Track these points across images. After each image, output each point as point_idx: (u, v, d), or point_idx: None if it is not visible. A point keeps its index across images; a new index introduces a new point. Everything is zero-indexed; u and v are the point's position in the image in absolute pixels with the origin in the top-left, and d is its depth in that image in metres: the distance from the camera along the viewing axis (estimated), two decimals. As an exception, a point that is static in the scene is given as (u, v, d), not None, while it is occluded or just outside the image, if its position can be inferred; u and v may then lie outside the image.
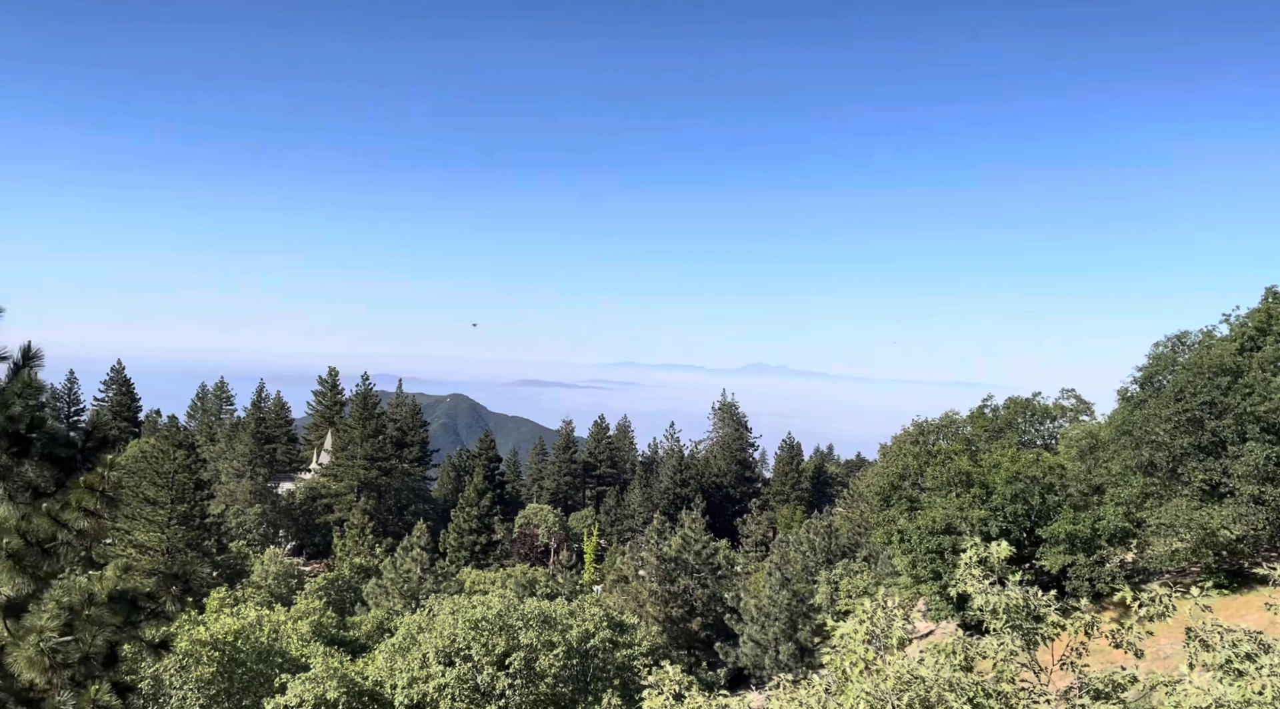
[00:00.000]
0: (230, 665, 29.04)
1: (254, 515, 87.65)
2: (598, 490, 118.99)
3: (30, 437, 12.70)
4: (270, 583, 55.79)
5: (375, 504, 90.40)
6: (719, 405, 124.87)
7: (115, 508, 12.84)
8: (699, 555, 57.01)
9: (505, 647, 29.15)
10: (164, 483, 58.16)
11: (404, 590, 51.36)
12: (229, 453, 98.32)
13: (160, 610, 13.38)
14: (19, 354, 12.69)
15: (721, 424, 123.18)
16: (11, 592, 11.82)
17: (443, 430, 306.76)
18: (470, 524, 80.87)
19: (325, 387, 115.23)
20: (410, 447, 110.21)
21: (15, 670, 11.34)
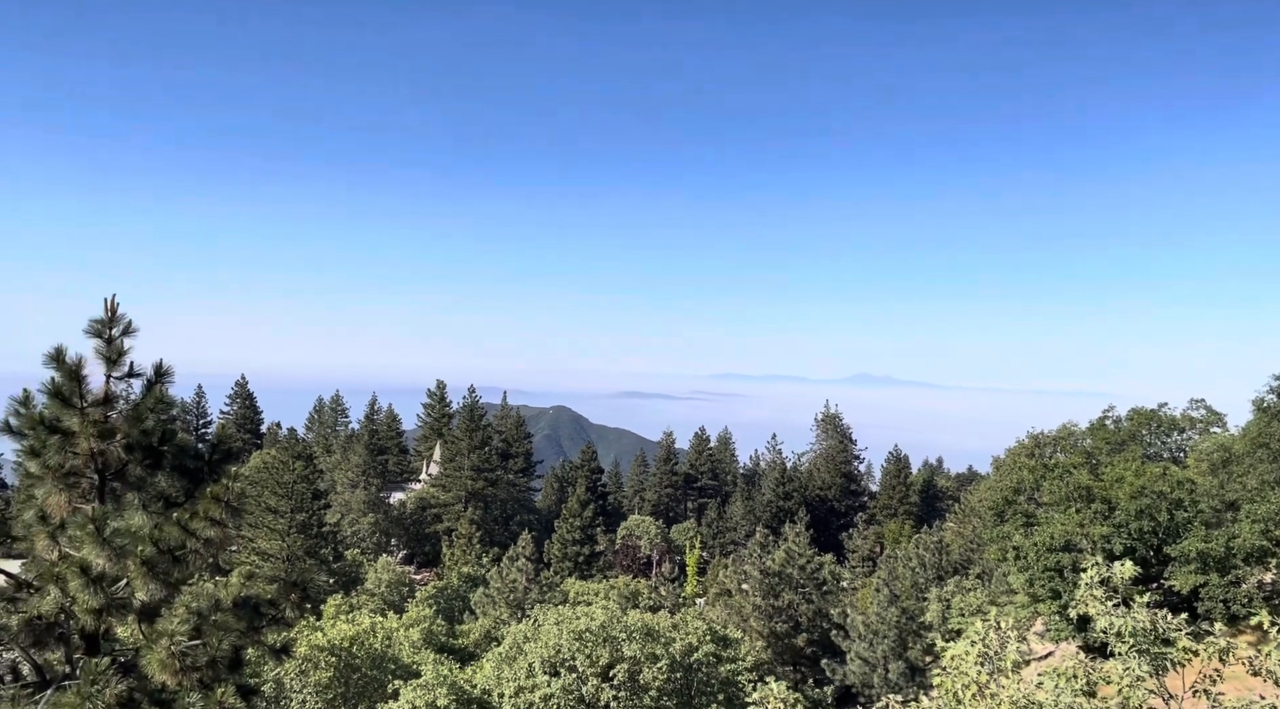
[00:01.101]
0: (346, 670, 30.06)
1: (367, 524, 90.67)
2: (699, 502, 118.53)
3: (162, 449, 13.44)
4: (383, 591, 57.51)
5: (482, 514, 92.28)
6: (822, 417, 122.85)
7: (239, 517, 13.44)
8: (803, 570, 56.08)
9: (609, 658, 29.27)
10: (284, 492, 60.76)
11: (510, 600, 52.18)
12: (344, 464, 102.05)
13: (281, 616, 13.94)
14: (152, 371, 13.41)
15: (825, 436, 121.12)
16: (146, 597, 12.44)
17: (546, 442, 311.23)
18: (573, 535, 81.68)
19: (434, 399, 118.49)
20: (515, 458, 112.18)
21: (149, 672, 11.94)
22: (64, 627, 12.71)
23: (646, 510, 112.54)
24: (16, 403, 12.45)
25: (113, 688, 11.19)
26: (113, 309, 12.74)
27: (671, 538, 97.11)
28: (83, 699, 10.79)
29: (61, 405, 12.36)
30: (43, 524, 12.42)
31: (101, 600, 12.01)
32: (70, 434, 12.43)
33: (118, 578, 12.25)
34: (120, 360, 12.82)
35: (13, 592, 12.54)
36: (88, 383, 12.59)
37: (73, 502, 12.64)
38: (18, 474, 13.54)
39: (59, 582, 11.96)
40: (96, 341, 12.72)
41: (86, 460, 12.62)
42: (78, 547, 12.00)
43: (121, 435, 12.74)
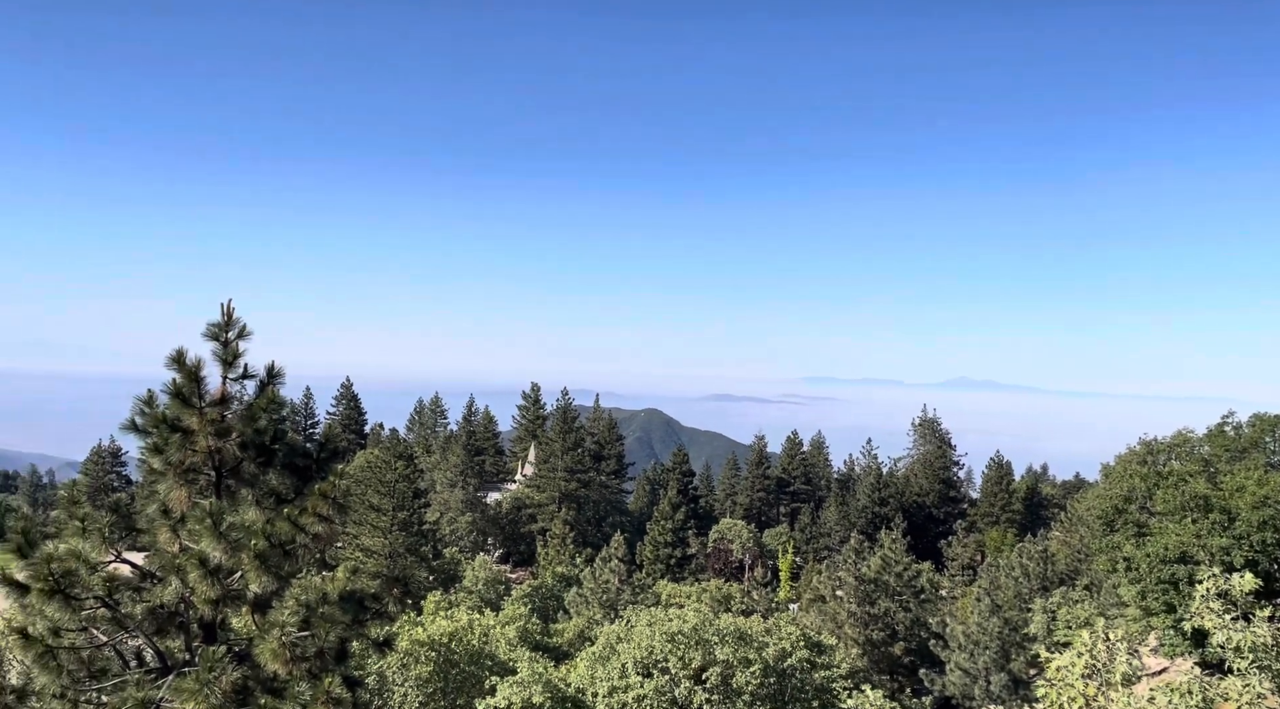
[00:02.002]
0: (445, 666, 30.81)
1: (465, 523, 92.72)
2: (792, 507, 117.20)
3: (274, 448, 14.03)
4: (480, 588, 58.71)
5: (575, 515, 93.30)
6: (919, 421, 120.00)
7: (345, 514, 13.96)
8: (900, 577, 54.87)
9: (701, 661, 29.23)
10: (386, 491, 62.69)
11: (603, 600, 52.62)
12: (443, 464, 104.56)
13: (384, 611, 14.39)
14: (264, 372, 14.02)
15: (922, 441, 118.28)
16: (259, 589, 12.99)
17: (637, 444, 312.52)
18: (665, 537, 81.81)
19: (528, 401, 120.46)
20: (607, 460, 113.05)
21: (262, 661, 12.48)
22: (184, 616, 13.35)
23: (738, 514, 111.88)
24: (141, 402, 13.16)
25: (228, 675, 11.72)
26: (229, 313, 13.37)
27: (764, 542, 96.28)
28: (201, 685, 11.33)
29: (182, 405, 13.01)
30: (165, 518, 13.08)
31: (218, 591, 12.59)
32: (190, 432, 13.07)
33: (233, 570, 12.83)
34: (236, 362, 13.42)
35: (138, 581, 13.23)
36: (206, 384, 13.22)
37: (192, 497, 13.26)
38: (141, 471, 14.28)
39: (179, 573, 12.59)
40: (214, 344, 13.35)
41: (205, 457, 13.26)
42: (197, 540, 12.59)
43: (237, 434, 13.35)
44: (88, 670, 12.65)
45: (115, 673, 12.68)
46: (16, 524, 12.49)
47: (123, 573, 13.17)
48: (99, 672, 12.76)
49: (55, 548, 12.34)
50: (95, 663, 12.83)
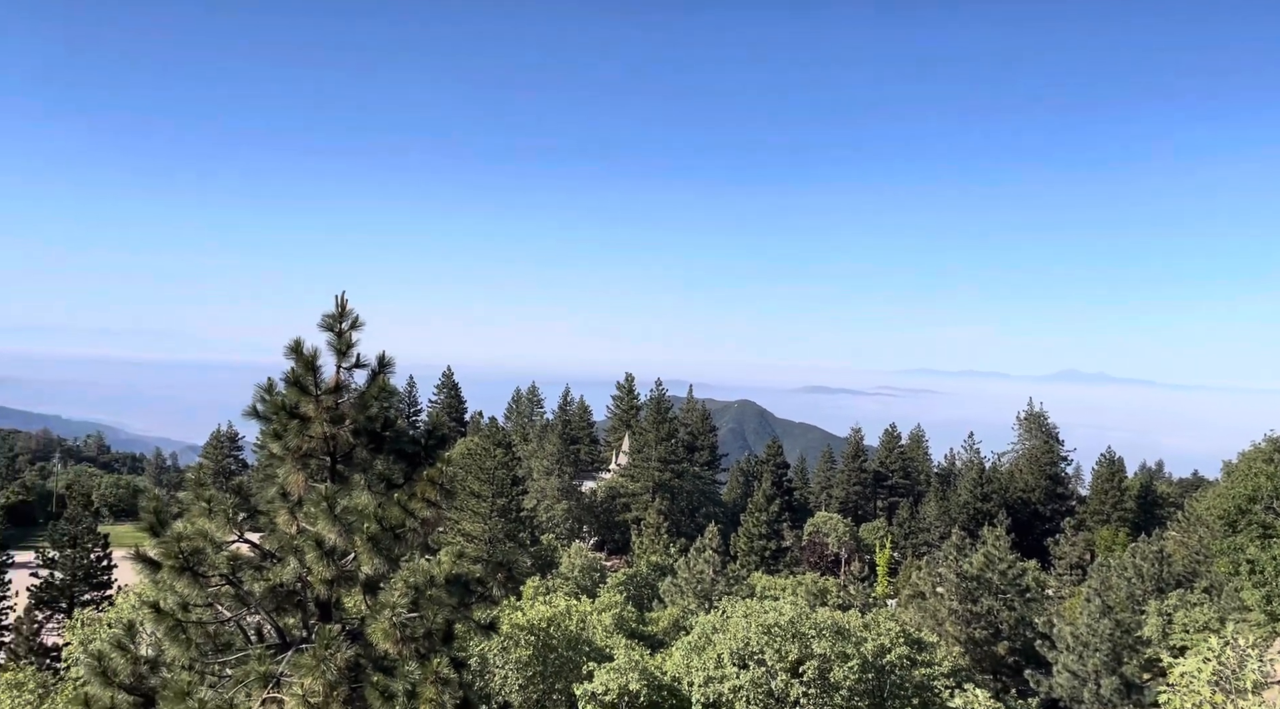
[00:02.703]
0: (544, 650, 31.34)
1: (561, 511, 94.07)
2: (889, 501, 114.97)
3: (384, 434, 14.45)
4: (576, 575, 59.47)
5: (669, 505, 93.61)
6: (1025, 415, 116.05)
7: (451, 499, 14.28)
8: (1004, 575, 53.25)
9: (798, 654, 28.97)
10: (486, 478, 64.08)
11: (697, 590, 52.65)
12: (539, 452, 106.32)
13: (488, 595, 14.69)
14: (375, 362, 14.45)
15: (1028, 435, 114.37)
16: (370, 571, 13.42)
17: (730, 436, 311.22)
18: (759, 529, 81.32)
19: (623, 392, 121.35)
20: (700, 451, 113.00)
21: (373, 640, 12.90)
22: (301, 594, 13.88)
23: (833, 507, 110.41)
24: (262, 390, 13.74)
25: (343, 653, 12.16)
26: (342, 305, 13.82)
27: (860, 536, 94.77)
28: (318, 662, 11.78)
29: (299, 393, 13.52)
30: (283, 500, 13.61)
31: (333, 572, 13.06)
32: (307, 419, 13.56)
33: (346, 552, 13.28)
34: (349, 352, 13.86)
35: (258, 561, 13.82)
36: (321, 372, 13.70)
37: (308, 481, 13.78)
38: (259, 456, 14.91)
39: (297, 553, 13.10)
40: (328, 335, 13.81)
41: (320, 443, 13.75)
42: (312, 522, 13.07)
43: (350, 421, 13.79)
44: (213, 644, 13.30)
45: (238, 647, 13.30)
46: (149, 504, 13.21)
47: (245, 552, 13.78)
48: (223, 646, 13.41)
49: (184, 527, 13.01)
50: (220, 637, 13.48)
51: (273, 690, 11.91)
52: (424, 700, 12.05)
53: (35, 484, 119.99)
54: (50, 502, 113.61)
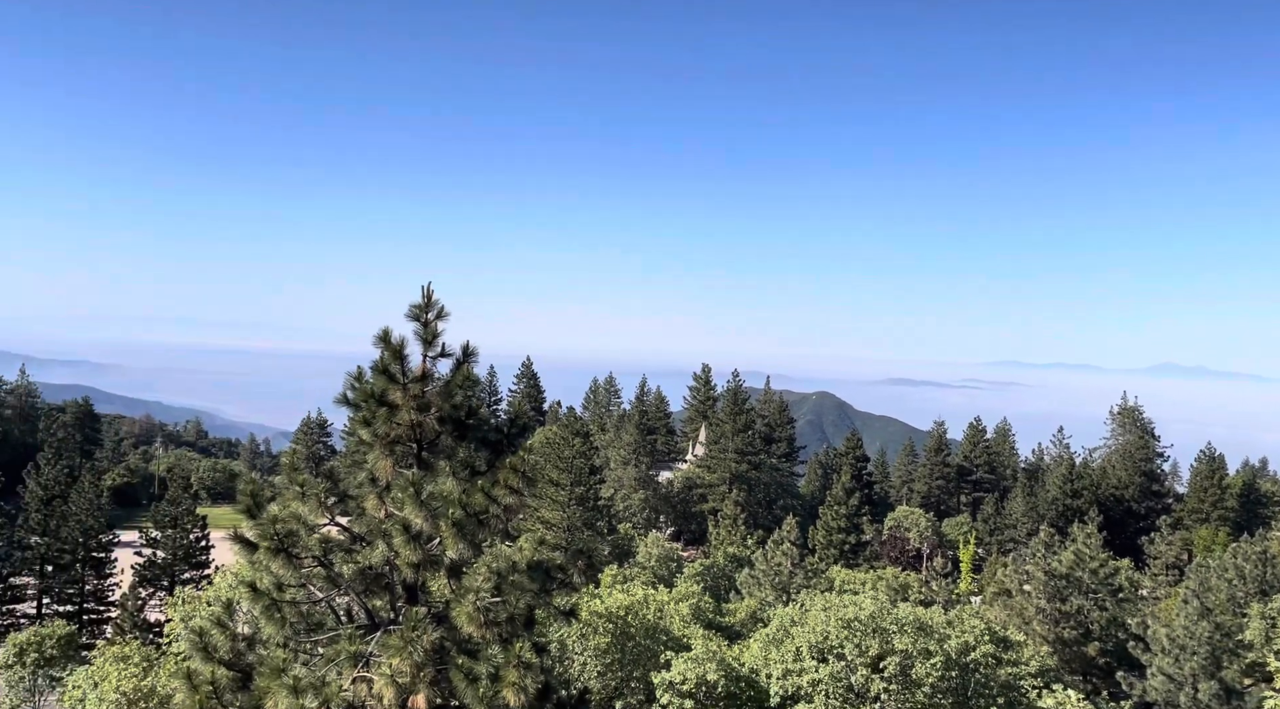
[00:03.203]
0: (622, 638, 31.57)
1: (638, 501, 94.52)
2: (973, 496, 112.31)
3: (468, 422, 14.69)
4: (653, 565, 59.69)
5: (746, 496, 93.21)
6: (1118, 409, 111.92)
7: (532, 487, 14.46)
8: (1095, 574, 51.52)
9: (879, 649, 28.55)
10: (565, 467, 64.77)
11: (775, 583, 52.33)
12: (616, 442, 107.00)
13: (568, 582, 14.85)
14: (460, 351, 14.71)
15: (1121, 430, 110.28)
16: (454, 555, 13.70)
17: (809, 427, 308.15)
18: (838, 523, 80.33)
19: (699, 382, 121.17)
20: (778, 442, 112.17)
21: (458, 623, 13.16)
22: (389, 577, 14.26)
23: (915, 502, 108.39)
24: (352, 378, 14.13)
25: (429, 635, 12.44)
26: (428, 295, 14.10)
27: (942, 532, 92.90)
28: (405, 643, 12.09)
29: (388, 381, 13.86)
30: (372, 486, 13.98)
31: (419, 556, 13.36)
32: (394, 407, 13.90)
33: (432, 536, 13.56)
34: (434, 341, 14.15)
35: (348, 544, 14.24)
36: (408, 361, 14.03)
37: (396, 467, 14.13)
38: (349, 442, 15.31)
39: (385, 537, 13.45)
40: (415, 325, 14.12)
41: (407, 430, 14.06)
42: (399, 507, 13.40)
43: (435, 409, 14.07)
44: (306, 623, 13.77)
45: (330, 627, 13.73)
46: (246, 488, 13.72)
47: (335, 535, 14.21)
48: (315, 625, 13.87)
49: (278, 510, 13.47)
50: (312, 617, 13.96)
51: (362, 670, 12.26)
52: (507, 684, 12.24)
53: (139, 467, 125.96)
54: (152, 484, 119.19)
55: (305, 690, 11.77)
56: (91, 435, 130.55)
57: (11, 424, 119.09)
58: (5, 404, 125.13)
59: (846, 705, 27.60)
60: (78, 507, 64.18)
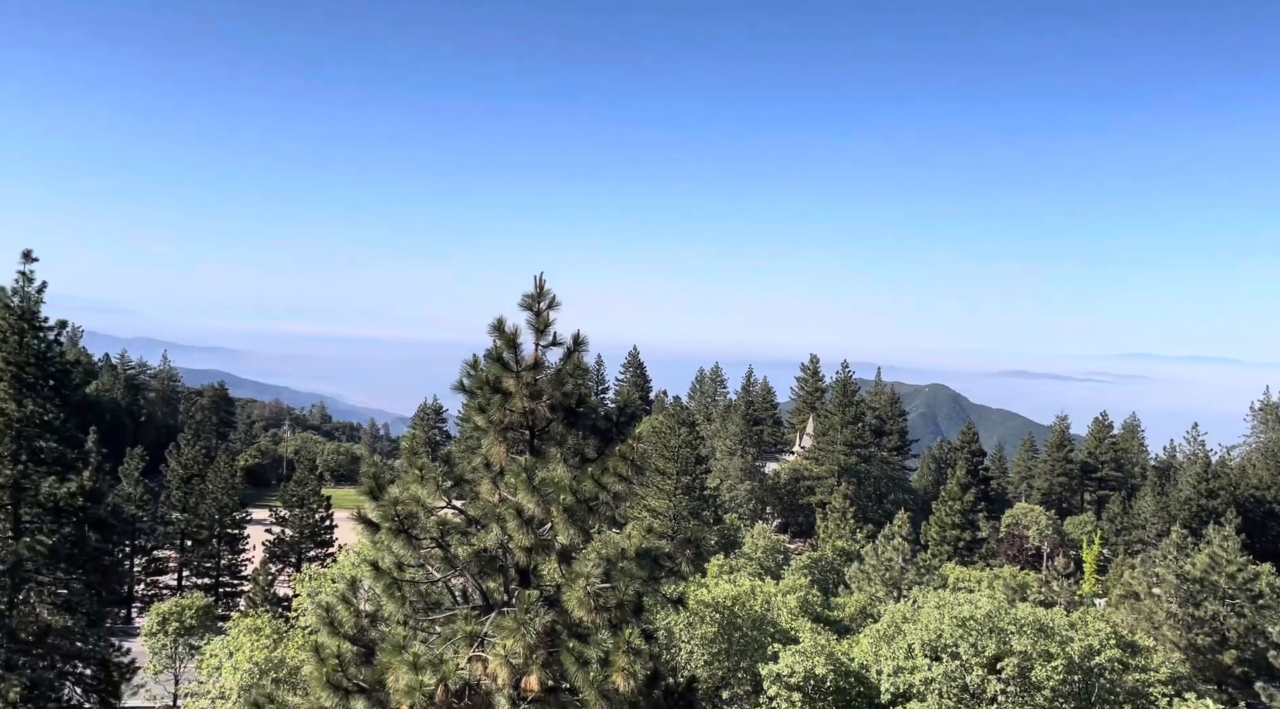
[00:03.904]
0: (729, 628, 31.52)
1: (744, 491, 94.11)
2: (1098, 494, 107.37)
3: (579, 411, 14.90)
4: (759, 556, 59.35)
5: (855, 490, 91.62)
6: (1260, 405, 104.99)
7: (641, 475, 14.59)
8: (1233, 578, 48.55)
9: (995, 650, 27.65)
10: (671, 456, 65.05)
11: (885, 578, 51.31)
12: (722, 432, 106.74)
13: (676, 570, 14.92)
14: (571, 340, 14.93)
15: (1263, 427, 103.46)
16: (565, 540, 13.90)
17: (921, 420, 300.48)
18: (952, 519, 78.07)
19: (807, 373, 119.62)
20: (888, 435, 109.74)
21: (569, 607, 13.37)
22: (502, 560, 14.62)
23: (1035, 499, 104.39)
24: (468, 366, 14.52)
25: (541, 618, 12.70)
26: (540, 285, 14.35)
27: (1064, 531, 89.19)
28: (519, 625, 12.37)
29: (501, 369, 14.18)
30: (486, 470, 14.34)
31: (531, 540, 13.65)
32: (508, 394, 14.21)
33: (543, 522, 13.83)
34: (546, 331, 14.39)
35: (464, 527, 14.66)
36: (521, 350, 14.31)
37: (509, 453, 14.45)
38: (460, 427, 15.71)
39: (499, 521, 13.78)
40: (528, 314, 14.39)
41: (520, 417, 14.36)
42: (513, 492, 13.70)
43: (547, 397, 14.32)
44: (424, 602, 14.25)
45: (446, 607, 14.17)
46: (369, 470, 14.29)
47: (452, 518, 14.64)
48: (433, 604, 14.33)
49: (399, 493, 13.98)
50: (430, 596, 14.43)
51: (478, 649, 12.60)
52: (616, 669, 12.38)
53: (269, 449, 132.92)
54: (281, 465, 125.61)
55: (424, 667, 12.18)
56: (226, 418, 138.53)
57: (155, 406, 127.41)
58: (150, 388, 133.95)
59: (961, 706, 26.85)
60: (214, 485, 68.20)
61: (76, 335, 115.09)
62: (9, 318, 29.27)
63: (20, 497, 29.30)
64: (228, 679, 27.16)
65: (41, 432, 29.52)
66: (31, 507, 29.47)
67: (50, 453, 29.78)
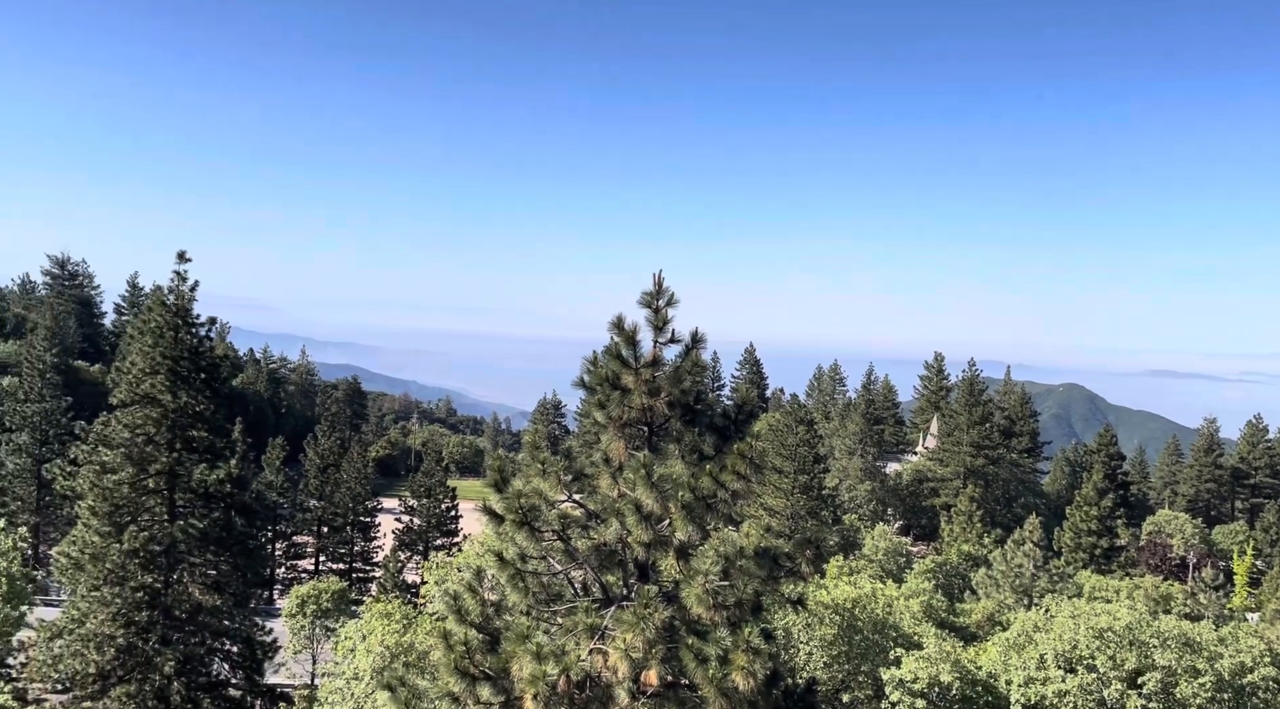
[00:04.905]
0: (849, 631, 30.92)
1: (864, 492, 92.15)
2: (1251, 503, 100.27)
3: (697, 407, 14.91)
4: (880, 558, 58.07)
5: (982, 492, 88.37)
6: None
7: (760, 474, 14.45)
8: None
9: (1136, 664, 26.18)
10: (788, 454, 64.33)
11: (1015, 585, 49.33)
12: (841, 431, 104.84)
13: (796, 570, 14.73)
14: (689, 338, 14.94)
15: None
16: (683, 537, 13.93)
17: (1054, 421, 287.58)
18: (1088, 525, 74.33)
19: (931, 371, 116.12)
20: (1018, 436, 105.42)
21: (687, 604, 13.40)
22: (621, 554, 14.76)
23: (1179, 506, 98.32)
24: (588, 362, 14.74)
25: (660, 613, 12.76)
26: (659, 283, 14.41)
27: (1212, 540, 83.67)
28: (638, 619, 12.46)
29: (621, 365, 14.32)
30: (606, 465, 14.51)
31: (650, 536, 13.72)
32: (627, 390, 14.34)
33: (661, 517, 13.88)
34: (665, 328, 14.45)
35: (584, 520, 14.89)
36: (640, 347, 14.41)
37: (628, 448, 14.58)
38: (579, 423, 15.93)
39: (618, 516, 13.91)
40: (646, 311, 14.48)
41: (638, 413, 14.47)
42: (631, 487, 13.81)
43: (665, 393, 14.38)
44: (546, 594, 14.54)
45: (567, 599, 14.42)
46: (494, 463, 14.69)
47: (572, 512, 14.89)
48: (554, 596, 14.61)
49: (522, 485, 14.31)
50: (551, 587, 14.71)
51: (598, 642, 12.77)
52: (736, 667, 12.32)
53: (398, 441, 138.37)
54: (409, 456, 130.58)
55: (547, 658, 12.43)
56: (359, 410, 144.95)
57: (294, 399, 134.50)
58: (290, 381, 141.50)
59: (1097, 721, 25.56)
60: (348, 475, 71.50)
61: (224, 331, 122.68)
62: (165, 315, 31.44)
63: (175, 482, 31.41)
64: (361, 661, 28.42)
65: (194, 422, 31.54)
66: (185, 492, 31.56)
67: (201, 442, 31.79)
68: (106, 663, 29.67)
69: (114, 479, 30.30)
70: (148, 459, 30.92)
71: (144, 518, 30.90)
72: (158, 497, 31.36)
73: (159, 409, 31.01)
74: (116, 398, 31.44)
